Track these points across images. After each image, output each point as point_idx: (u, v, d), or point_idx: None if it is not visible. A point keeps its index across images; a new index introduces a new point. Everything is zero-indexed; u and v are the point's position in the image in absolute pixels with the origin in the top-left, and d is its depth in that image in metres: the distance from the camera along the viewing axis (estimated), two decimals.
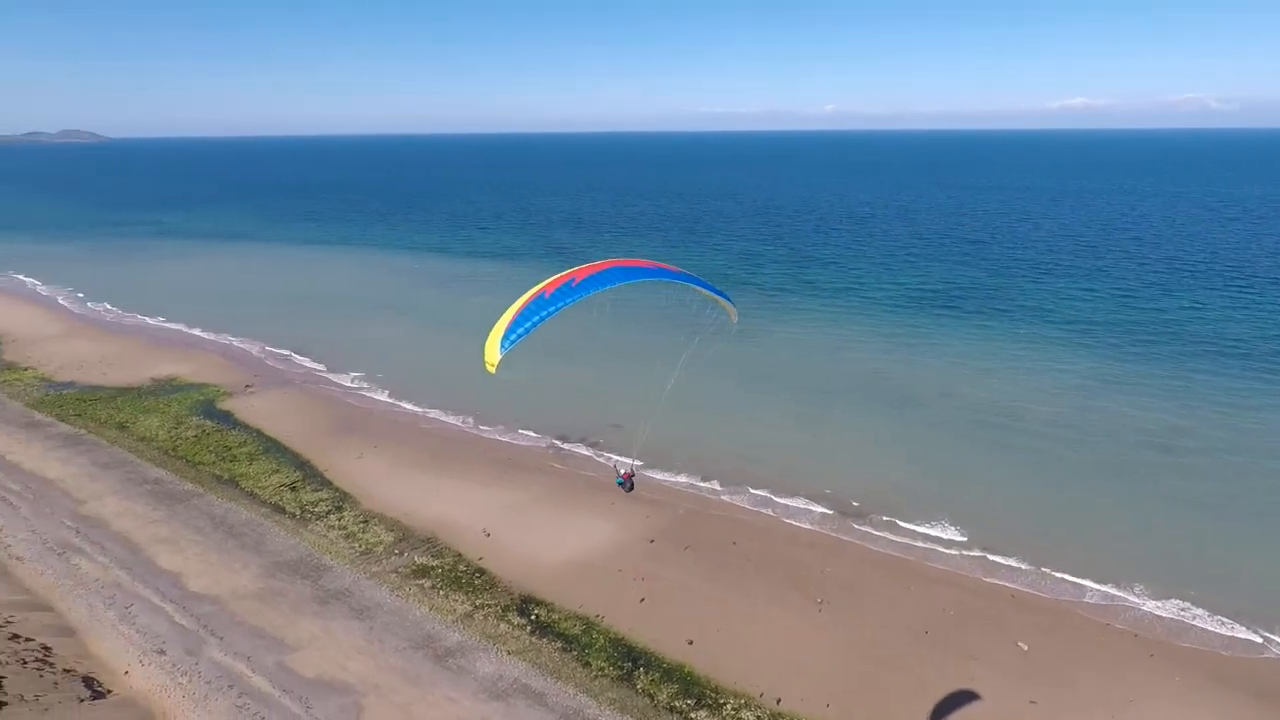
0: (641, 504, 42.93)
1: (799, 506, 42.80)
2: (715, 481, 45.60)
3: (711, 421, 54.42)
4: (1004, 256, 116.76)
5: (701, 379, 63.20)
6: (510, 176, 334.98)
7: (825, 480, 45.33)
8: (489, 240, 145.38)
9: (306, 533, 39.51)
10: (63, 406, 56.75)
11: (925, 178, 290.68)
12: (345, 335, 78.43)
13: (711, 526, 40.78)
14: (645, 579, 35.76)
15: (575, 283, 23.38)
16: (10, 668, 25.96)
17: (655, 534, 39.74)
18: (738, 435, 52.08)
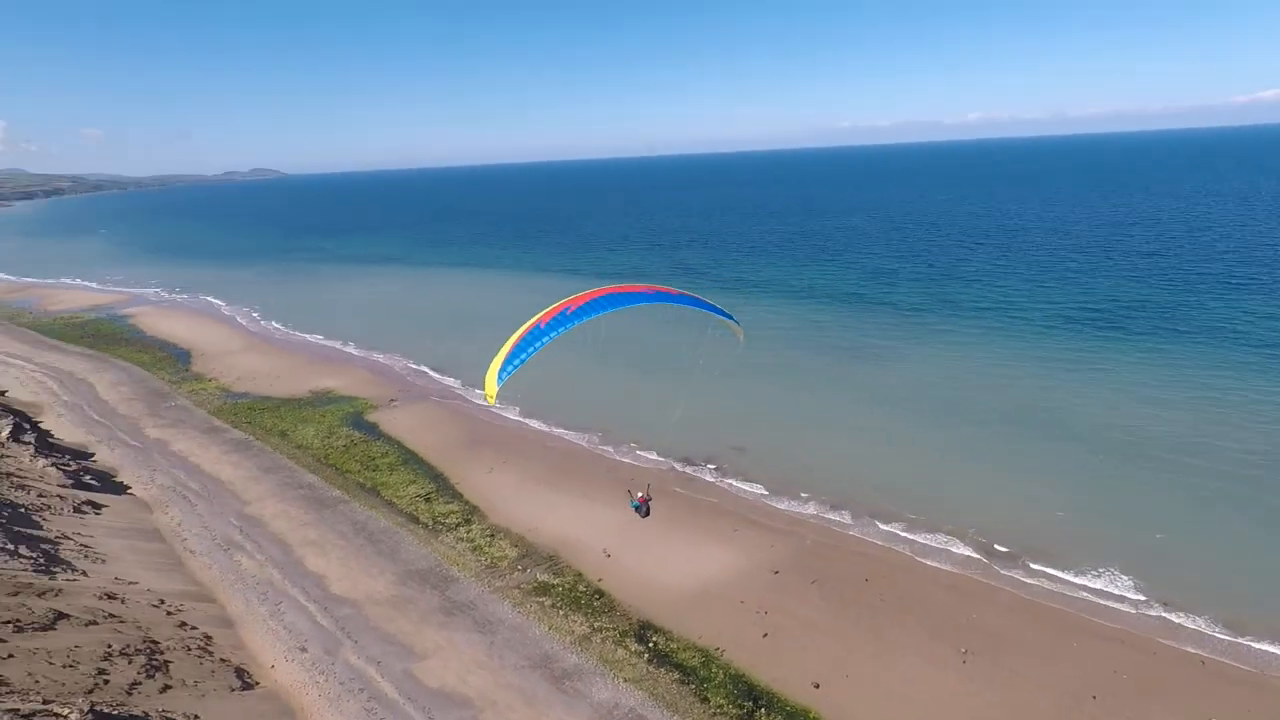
0: (765, 532, 41.22)
1: (939, 545, 39.40)
2: (845, 512, 42.99)
3: (843, 447, 51.72)
4: (1183, 270, 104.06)
5: (834, 402, 60.65)
6: (638, 199, 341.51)
7: (970, 517, 41.49)
8: (617, 261, 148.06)
9: (437, 543, 40.99)
10: (236, 414, 62.82)
11: (1086, 185, 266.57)
12: (479, 353, 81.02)
13: (841, 560, 38.37)
14: (769, 612, 34.06)
15: (569, 311, 24.25)
16: (177, 653, 28.38)
17: (780, 565, 37.89)
18: (871, 463, 49.00)
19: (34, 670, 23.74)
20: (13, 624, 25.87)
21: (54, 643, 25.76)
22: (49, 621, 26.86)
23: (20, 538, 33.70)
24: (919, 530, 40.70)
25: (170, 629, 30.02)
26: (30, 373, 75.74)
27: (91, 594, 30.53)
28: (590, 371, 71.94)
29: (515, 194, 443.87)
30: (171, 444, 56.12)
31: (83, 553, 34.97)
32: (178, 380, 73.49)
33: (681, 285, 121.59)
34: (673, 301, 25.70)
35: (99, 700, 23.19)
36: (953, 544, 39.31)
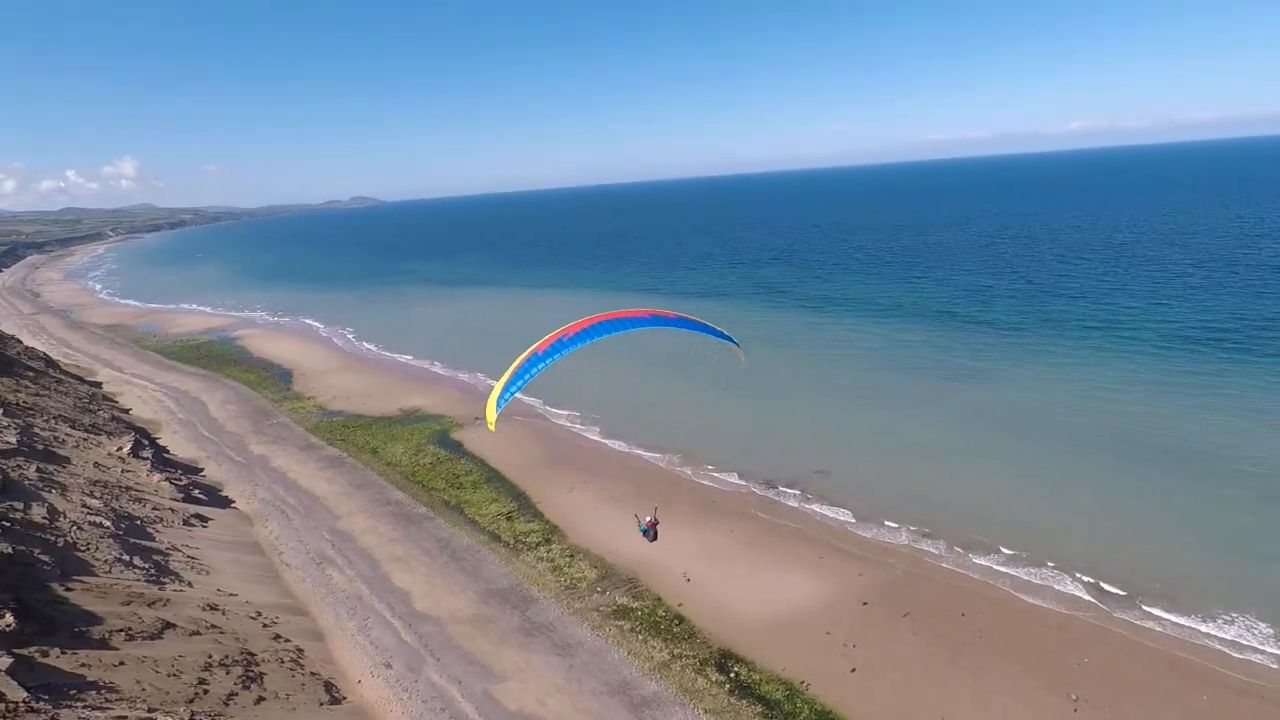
0: (852, 560, 39.44)
1: (1041, 581, 36.61)
2: (938, 542, 40.63)
3: (934, 473, 49.13)
4: None
5: (924, 425, 57.88)
6: (719, 217, 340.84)
7: (1076, 552, 38.42)
8: (697, 280, 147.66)
9: (518, 562, 41.23)
10: (331, 432, 65.66)
11: (1204, 194, 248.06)
12: (561, 373, 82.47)
13: (934, 592, 36.20)
14: (857, 646, 32.40)
15: (567, 338, 25.24)
16: (271, 665, 29.39)
17: (869, 595, 36.09)
18: (966, 490, 46.29)
19: (141, 678, 25.00)
20: (124, 632, 27.42)
21: (160, 651, 27.13)
22: (157, 631, 28.35)
23: (135, 549, 35.95)
24: (1019, 564, 37.99)
25: (265, 641, 31.17)
26: (151, 392, 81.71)
27: (196, 604, 32.12)
28: (671, 391, 71.63)
29: (596, 215, 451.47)
30: (272, 460, 59.09)
31: (190, 564, 36.96)
32: (279, 399, 77.61)
33: (763, 304, 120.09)
34: (669, 325, 26.17)
35: (199, 710, 24.17)
36: (1058, 580, 36.43)
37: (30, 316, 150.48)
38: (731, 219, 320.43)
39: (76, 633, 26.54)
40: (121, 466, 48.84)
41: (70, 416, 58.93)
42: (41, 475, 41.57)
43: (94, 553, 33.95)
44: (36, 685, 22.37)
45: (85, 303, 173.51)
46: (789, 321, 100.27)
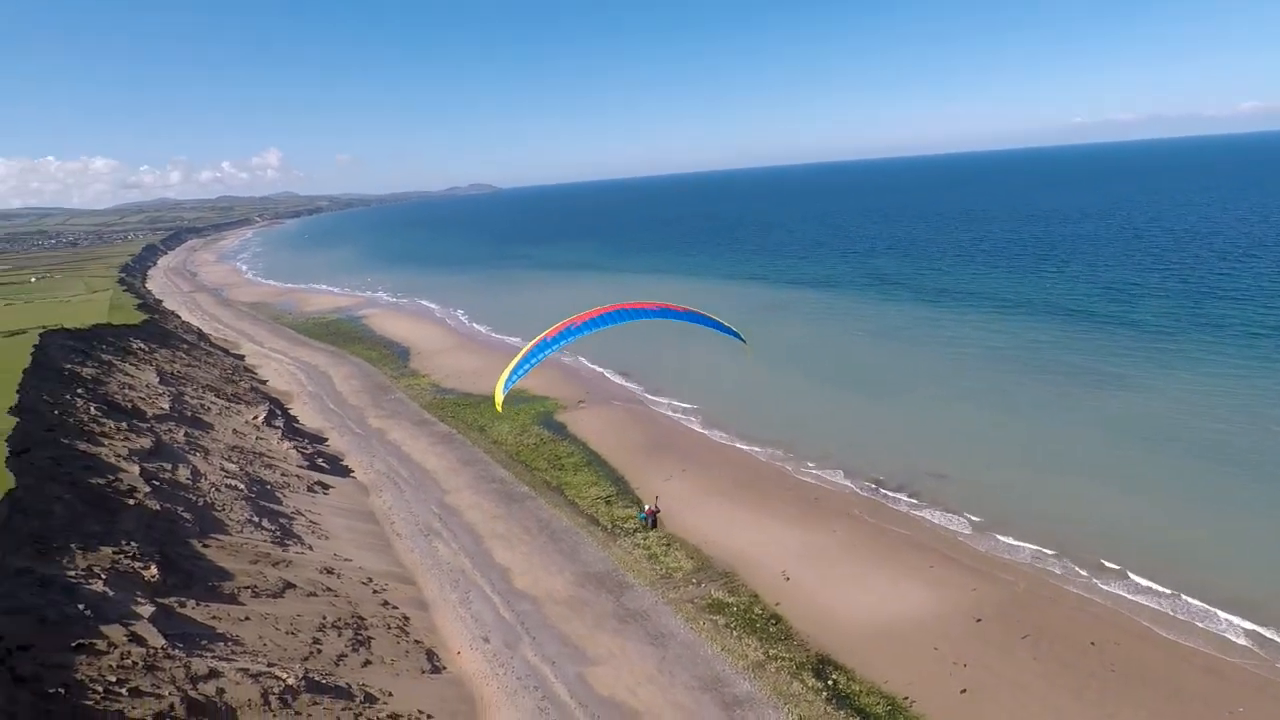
0: (966, 573, 36.88)
1: (1188, 616, 32.65)
2: (1067, 561, 37.25)
3: (1065, 485, 45.20)
4: None
5: (1055, 432, 53.42)
6: (833, 205, 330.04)
7: (1233, 587, 34.02)
8: (807, 269, 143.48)
9: (615, 547, 41.32)
10: (444, 409, 68.43)
11: None
12: (667, 358, 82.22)
13: (1059, 615, 33.24)
14: (968, 665, 30.21)
15: (576, 325, 26.24)
16: (378, 630, 30.80)
17: (983, 612, 33.60)
18: (1101, 507, 42.22)
19: (263, 634, 26.74)
20: (251, 589, 29.47)
21: (281, 610, 28.96)
22: (279, 590, 30.30)
23: (264, 512, 38.68)
24: (1161, 595, 34.14)
25: (375, 607, 32.71)
26: (285, 365, 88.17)
27: (314, 567, 34.13)
28: (775, 383, 69.84)
29: (706, 201, 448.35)
30: (388, 433, 62.26)
31: (311, 529, 39.40)
32: (397, 375, 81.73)
33: (876, 296, 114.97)
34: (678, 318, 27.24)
35: (312, 668, 25.57)
36: (1207, 618, 32.43)
37: (188, 294, 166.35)
38: (846, 206, 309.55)
39: (210, 587, 28.75)
40: (256, 434, 52.82)
41: (216, 386, 64.39)
42: (188, 439, 45.53)
43: (228, 513, 36.79)
44: (173, 633, 24.32)
45: (234, 282, 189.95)
46: (904, 315, 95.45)
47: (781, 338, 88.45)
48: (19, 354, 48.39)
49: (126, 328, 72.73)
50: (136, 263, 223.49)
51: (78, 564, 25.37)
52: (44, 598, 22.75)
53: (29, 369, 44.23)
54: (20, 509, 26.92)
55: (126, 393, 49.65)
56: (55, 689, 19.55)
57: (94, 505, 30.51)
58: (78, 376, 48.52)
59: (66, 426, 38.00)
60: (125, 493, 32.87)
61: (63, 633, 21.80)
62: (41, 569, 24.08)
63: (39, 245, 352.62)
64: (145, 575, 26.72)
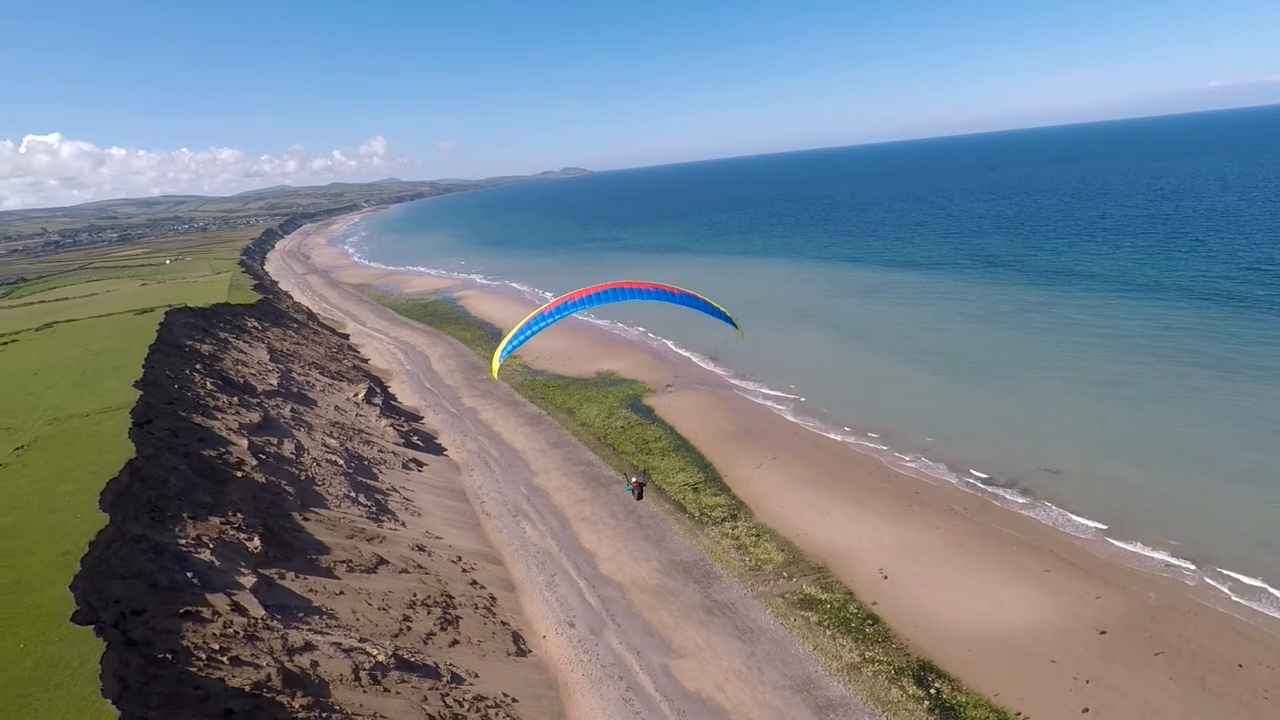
0: (1087, 579, 33.66)
1: None
2: (1211, 571, 33.35)
3: (1204, 484, 40.70)
4: None
5: (1191, 425, 48.29)
6: (932, 182, 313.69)
7: None
8: (908, 250, 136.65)
9: (702, 536, 40.27)
10: (533, 390, 69.11)
11: None
12: (757, 342, 79.95)
13: (1200, 632, 29.74)
14: (1091, 683, 27.46)
15: (572, 301, 27.08)
16: (466, 610, 31.03)
17: (1109, 624, 30.51)
18: (1253, 512, 37.65)
19: (356, 608, 27.30)
20: (346, 564, 30.22)
21: (374, 585, 29.56)
22: (372, 565, 30.97)
23: (361, 487, 39.84)
24: None
25: (463, 586, 33.01)
26: (387, 345, 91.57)
27: (407, 544, 34.80)
28: (873, 369, 66.69)
29: (800, 181, 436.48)
30: (481, 413, 63.40)
31: (405, 506, 40.33)
32: (490, 356, 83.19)
33: (983, 277, 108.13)
34: (670, 300, 28.07)
35: (401, 645, 25.88)
36: None
37: (301, 276, 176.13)
38: (949, 184, 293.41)
39: (308, 560, 29.65)
40: (356, 411, 54.76)
41: (321, 364, 67.35)
42: (294, 415, 47.58)
43: (328, 488, 38.07)
44: (272, 604, 25.08)
45: (341, 264, 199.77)
46: (1015, 298, 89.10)
47: (879, 322, 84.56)
48: (147, 331, 51.90)
49: (243, 307, 77.20)
50: (256, 246, 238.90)
51: (188, 533, 26.57)
52: (156, 564, 23.86)
53: (154, 345, 47.29)
54: (139, 477, 28.47)
55: (240, 369, 52.45)
56: (163, 654, 20.36)
57: (205, 476, 32.04)
58: (197, 352, 51.60)
59: (184, 400, 40.29)
60: (234, 465, 34.42)
61: (172, 599, 22.78)
62: (155, 536, 25.31)
63: (174, 230, 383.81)
64: (249, 546, 27.75)
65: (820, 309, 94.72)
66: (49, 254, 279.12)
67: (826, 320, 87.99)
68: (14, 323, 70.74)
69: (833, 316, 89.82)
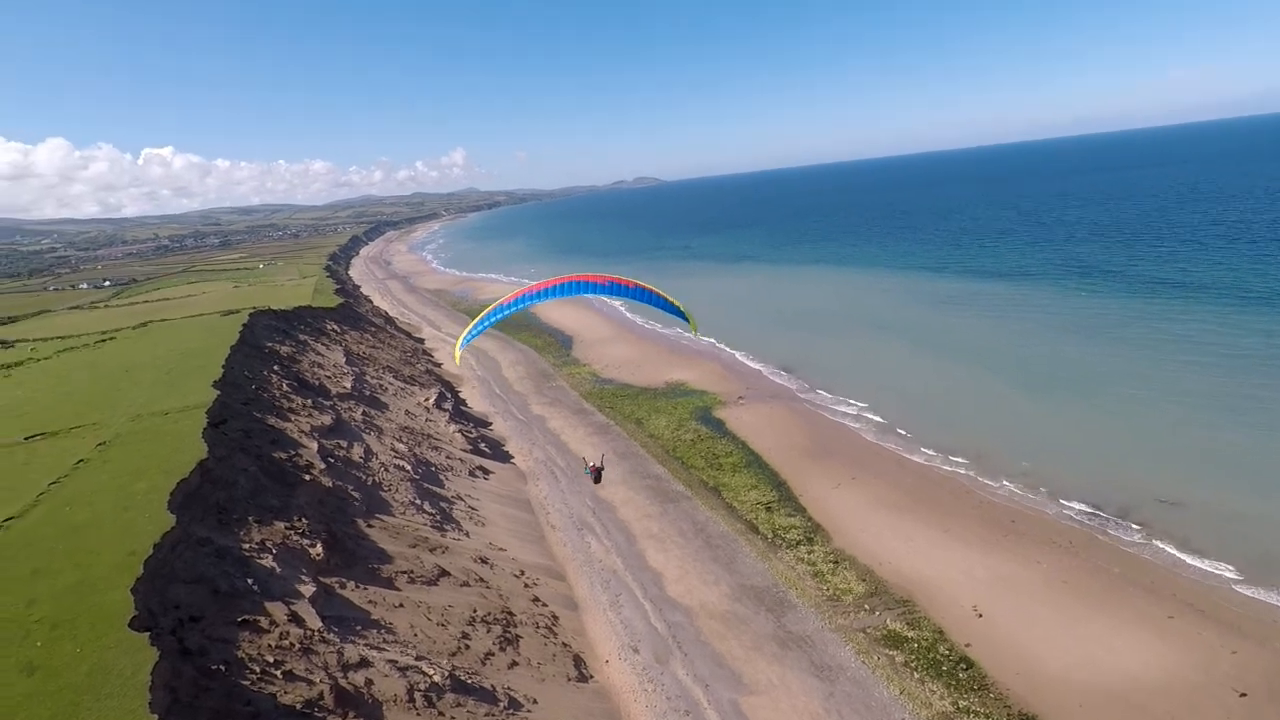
0: (1220, 629, 29.71)
1: None
2: None
3: None
4: None
5: None
6: (1017, 188, 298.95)
7: None
8: (993, 258, 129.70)
9: (775, 560, 37.95)
10: (602, 399, 67.98)
11: None
12: (832, 355, 77.33)
13: None
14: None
15: (532, 293, 28.30)
16: (527, 629, 29.76)
17: (1249, 683, 26.67)
18: None
19: (415, 623, 26.37)
20: (408, 574, 29.44)
21: (434, 599, 28.64)
22: (434, 577, 30.10)
23: (427, 494, 39.32)
24: None
25: (525, 603, 31.80)
26: None
27: (469, 556, 33.90)
28: (961, 384, 62.57)
29: (874, 189, 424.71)
30: (548, 421, 62.64)
31: (469, 515, 39.59)
32: (559, 364, 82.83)
33: (1078, 287, 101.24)
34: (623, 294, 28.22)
35: (458, 665, 24.75)
36: None
37: (382, 281, 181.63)
38: (1035, 190, 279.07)
39: (370, 569, 28.99)
40: (426, 415, 54.79)
41: (395, 367, 68.13)
42: (365, 418, 47.76)
43: (394, 494, 37.67)
44: (330, 615, 24.37)
45: (420, 270, 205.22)
46: (1115, 310, 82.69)
47: (963, 335, 79.86)
48: (231, 332, 53.34)
49: (324, 310, 79.18)
50: (342, 252, 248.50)
51: (253, 537, 26.25)
52: (219, 568, 23.48)
53: (235, 345, 48.38)
54: (210, 478, 28.45)
55: (316, 371, 53.24)
56: (217, 665, 19.74)
57: (275, 478, 31.96)
58: (276, 354, 52.66)
59: (260, 401, 40.78)
60: (303, 468, 34.34)
61: (231, 606, 22.28)
62: (220, 539, 25.03)
63: (269, 236, 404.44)
64: (311, 553, 27.27)
65: (899, 320, 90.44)
66: (158, 257, 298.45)
67: (906, 332, 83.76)
68: (116, 321, 74.58)
69: (912, 328, 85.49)
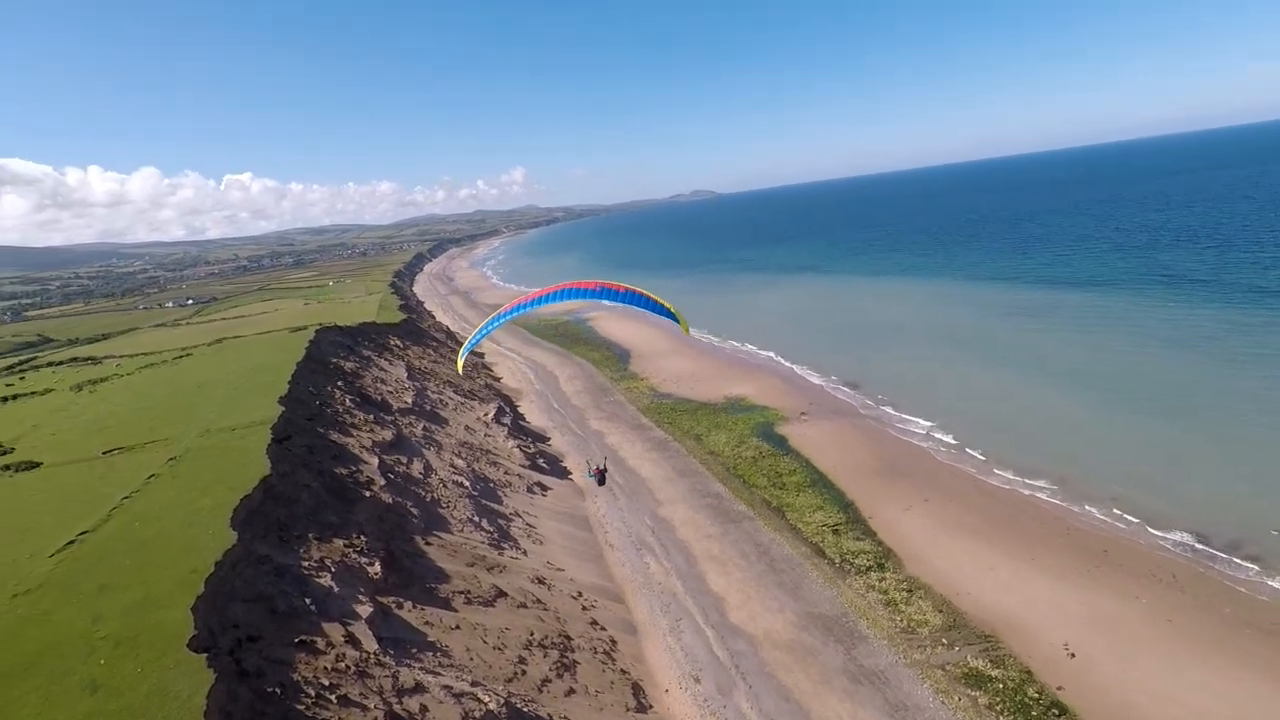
0: None
1: None
2: None
3: None
4: None
5: None
6: (1091, 193, 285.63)
7: None
8: (1070, 267, 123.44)
9: (844, 587, 36.05)
10: (660, 414, 66.93)
11: None
12: (898, 369, 74.39)
13: None
14: None
15: (527, 301, 29.54)
16: (584, 654, 28.79)
17: None
18: None
19: (471, 646, 25.73)
20: (464, 595, 28.90)
21: (491, 620, 27.99)
22: (490, 598, 29.49)
23: (485, 511, 38.95)
24: None
25: (583, 626, 30.88)
26: (518, 364, 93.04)
27: (527, 575, 33.23)
28: (1042, 400, 59.03)
29: (939, 197, 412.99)
30: (606, 436, 61.92)
31: (526, 532, 39.01)
32: (617, 378, 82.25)
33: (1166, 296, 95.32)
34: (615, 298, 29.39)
35: (514, 692, 23.94)
36: None
37: (444, 296, 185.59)
38: (1112, 193, 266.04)
39: (427, 588, 28.57)
40: (485, 430, 54.79)
41: (455, 382, 68.69)
42: (425, 433, 47.94)
43: (452, 510, 37.40)
44: (387, 637, 23.93)
45: (481, 286, 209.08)
46: (1210, 321, 77.10)
47: (1041, 348, 75.71)
48: (298, 348, 54.57)
49: (387, 326, 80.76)
50: (407, 269, 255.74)
51: (312, 555, 26.14)
52: (277, 587, 23.35)
53: (301, 361, 49.36)
54: (272, 495, 28.60)
55: (378, 386, 53.92)
56: (273, 688, 19.42)
57: (335, 495, 32.01)
58: (340, 369, 53.58)
59: (324, 416, 41.29)
60: (364, 484, 34.38)
61: (288, 627, 22.04)
62: (280, 557, 24.97)
63: (339, 255, 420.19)
64: (369, 571, 27.00)
65: (970, 332, 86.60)
66: (238, 276, 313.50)
67: (977, 346, 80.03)
68: (194, 338, 77.76)
69: (984, 342, 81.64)
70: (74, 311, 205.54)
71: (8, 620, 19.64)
